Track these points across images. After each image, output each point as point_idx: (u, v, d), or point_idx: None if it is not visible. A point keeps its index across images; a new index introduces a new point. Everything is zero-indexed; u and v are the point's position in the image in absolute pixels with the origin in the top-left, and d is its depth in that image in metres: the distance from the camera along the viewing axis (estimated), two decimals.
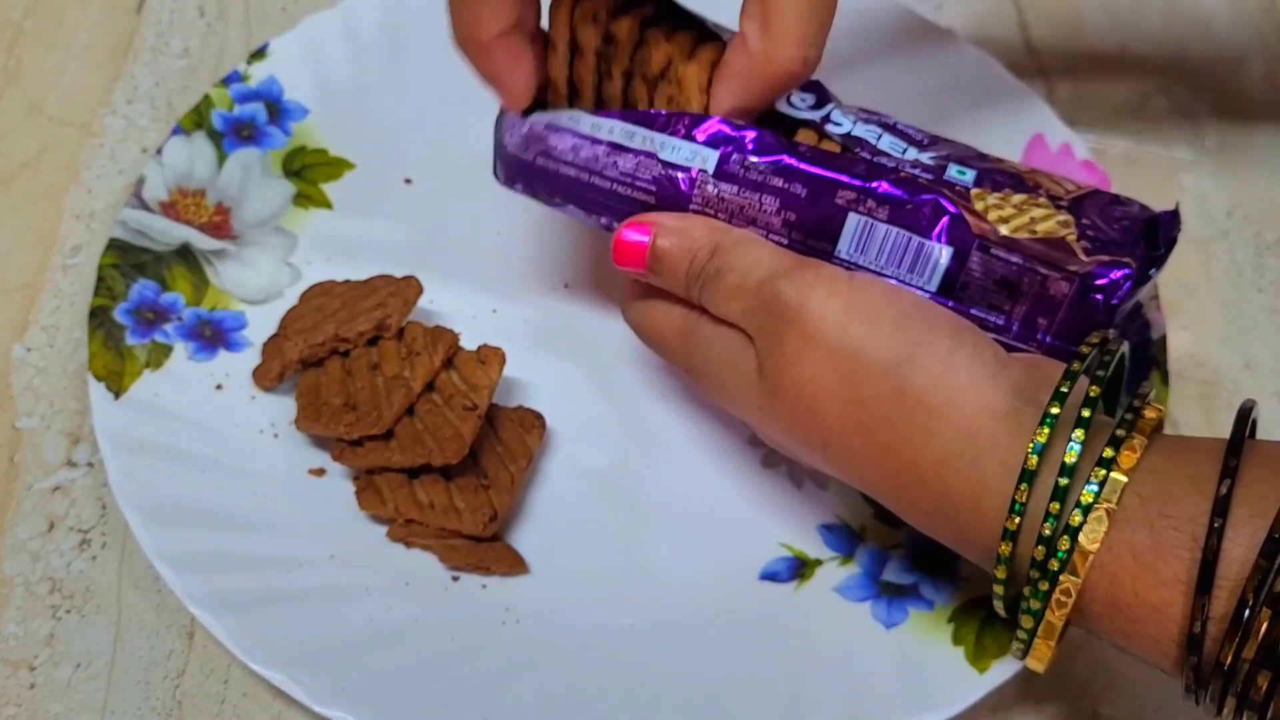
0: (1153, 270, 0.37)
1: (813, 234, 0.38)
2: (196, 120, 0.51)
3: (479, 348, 0.44)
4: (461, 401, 0.42)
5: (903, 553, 0.42)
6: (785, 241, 0.39)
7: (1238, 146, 0.56)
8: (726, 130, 0.39)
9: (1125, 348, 0.35)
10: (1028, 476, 0.32)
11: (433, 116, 0.52)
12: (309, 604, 0.40)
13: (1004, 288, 0.38)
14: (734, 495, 0.44)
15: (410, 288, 0.46)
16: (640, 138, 0.39)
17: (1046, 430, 0.32)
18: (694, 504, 0.44)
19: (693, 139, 0.39)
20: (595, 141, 0.40)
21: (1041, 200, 0.38)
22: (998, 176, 0.39)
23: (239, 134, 0.51)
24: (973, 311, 0.38)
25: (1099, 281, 0.36)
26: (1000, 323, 0.38)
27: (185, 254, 0.48)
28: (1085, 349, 0.34)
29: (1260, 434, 0.34)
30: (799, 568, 0.42)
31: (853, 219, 0.38)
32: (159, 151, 0.50)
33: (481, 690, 0.39)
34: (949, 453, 0.33)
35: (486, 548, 0.42)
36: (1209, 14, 0.61)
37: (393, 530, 0.42)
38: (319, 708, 0.37)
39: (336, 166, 0.52)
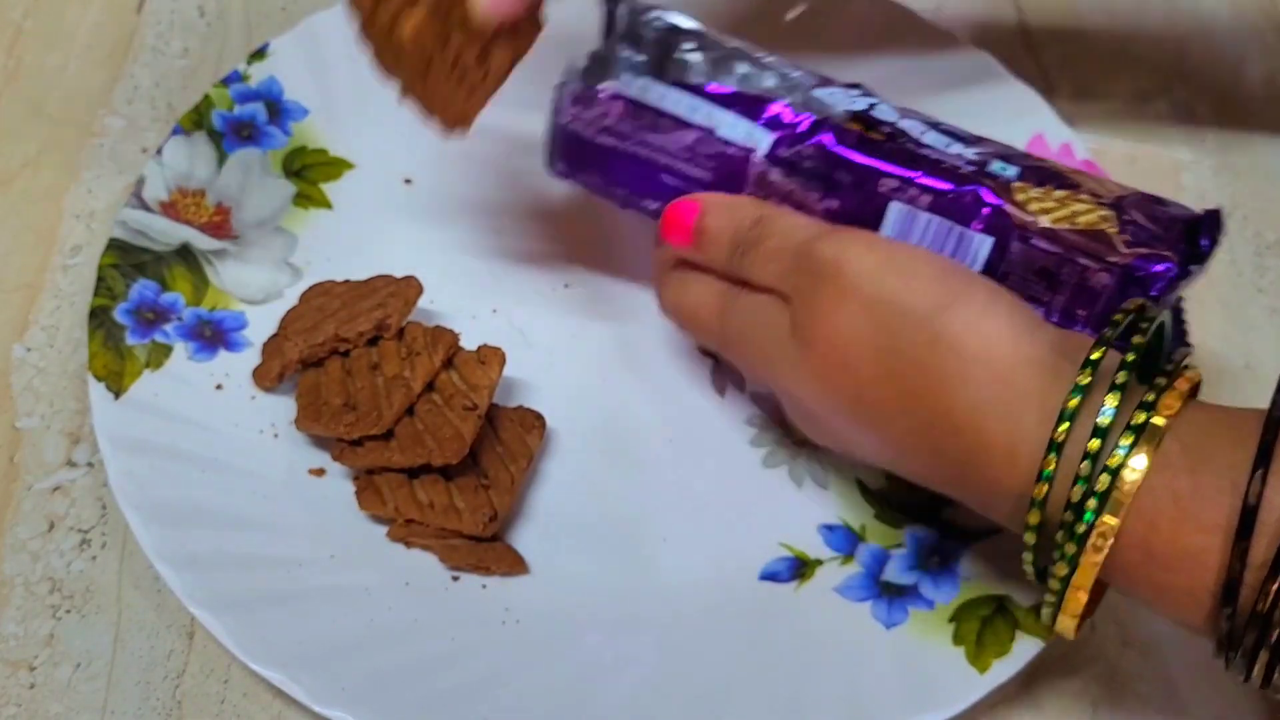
0: (1193, 267, 0.37)
1: (854, 222, 0.39)
2: (196, 120, 0.51)
3: (479, 348, 0.44)
4: (462, 401, 0.42)
5: (903, 553, 0.42)
6: None
7: (1238, 146, 0.56)
8: (785, 114, 0.39)
9: (1166, 315, 0.35)
10: (1068, 416, 0.32)
11: None
12: (309, 604, 0.40)
13: (1044, 278, 0.38)
14: (734, 495, 0.44)
15: (410, 288, 0.46)
16: (702, 112, 0.40)
17: (1089, 373, 0.32)
18: (694, 504, 0.44)
19: (751, 118, 0.39)
20: (659, 113, 0.40)
21: (1084, 197, 0.38)
22: (1041, 173, 0.39)
23: (239, 134, 0.51)
24: None
25: (1139, 274, 0.37)
26: (1040, 313, 0.38)
27: (185, 254, 0.48)
28: (1119, 316, 0.34)
29: None
30: (799, 568, 0.42)
31: (894, 207, 0.38)
32: (159, 151, 0.50)
33: (481, 690, 0.39)
34: (983, 399, 0.33)
35: (487, 548, 0.42)
36: (1209, 14, 0.61)
37: (393, 530, 0.42)
38: (319, 708, 0.37)
39: (336, 166, 0.52)
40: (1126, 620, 0.42)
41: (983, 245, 0.38)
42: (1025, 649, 0.39)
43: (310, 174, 0.51)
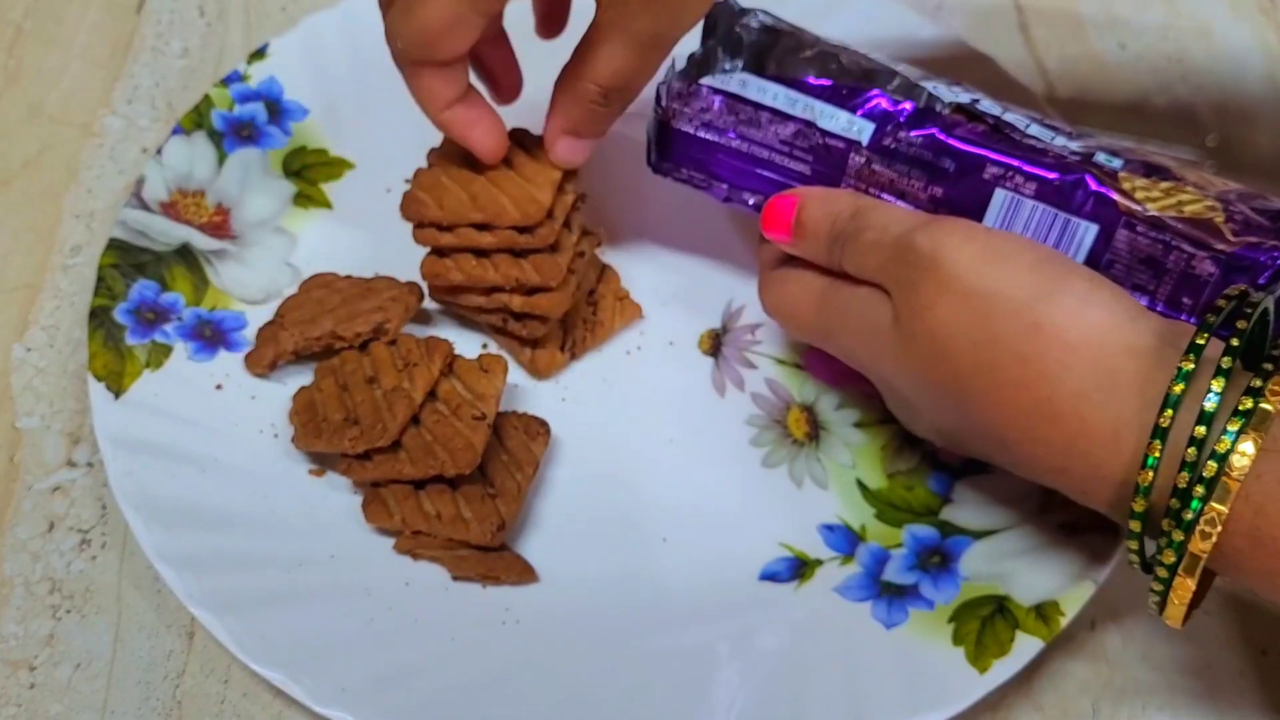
0: None
1: (959, 210, 0.39)
2: (196, 120, 0.51)
3: (480, 356, 0.44)
4: (470, 411, 0.42)
5: (903, 553, 0.42)
6: None
7: (1238, 146, 0.56)
8: (884, 104, 0.40)
9: (1270, 301, 0.34)
10: (1173, 401, 0.31)
11: None
12: (309, 604, 0.40)
13: (1149, 265, 0.38)
14: (734, 495, 0.44)
15: (412, 294, 0.46)
16: (801, 105, 0.41)
17: (1193, 359, 0.31)
18: (694, 504, 0.44)
19: (851, 109, 0.40)
20: (759, 108, 0.41)
21: (1189, 188, 0.38)
22: (1147, 166, 0.39)
23: (239, 134, 0.51)
24: None
25: (1246, 262, 0.37)
26: (1145, 302, 0.38)
27: (185, 254, 0.48)
28: (1222, 301, 0.33)
29: None
30: (799, 568, 0.42)
31: (999, 194, 0.39)
32: (159, 151, 0.50)
33: (481, 690, 0.39)
34: (1086, 387, 0.33)
35: (495, 557, 0.42)
36: (1209, 14, 0.61)
37: (400, 543, 0.42)
38: (319, 708, 0.37)
39: (336, 166, 0.52)
40: (1126, 620, 0.42)
41: (1088, 232, 0.38)
42: (1025, 649, 0.39)
43: (310, 174, 0.51)
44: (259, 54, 0.53)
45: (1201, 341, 0.32)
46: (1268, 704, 0.40)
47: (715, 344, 0.48)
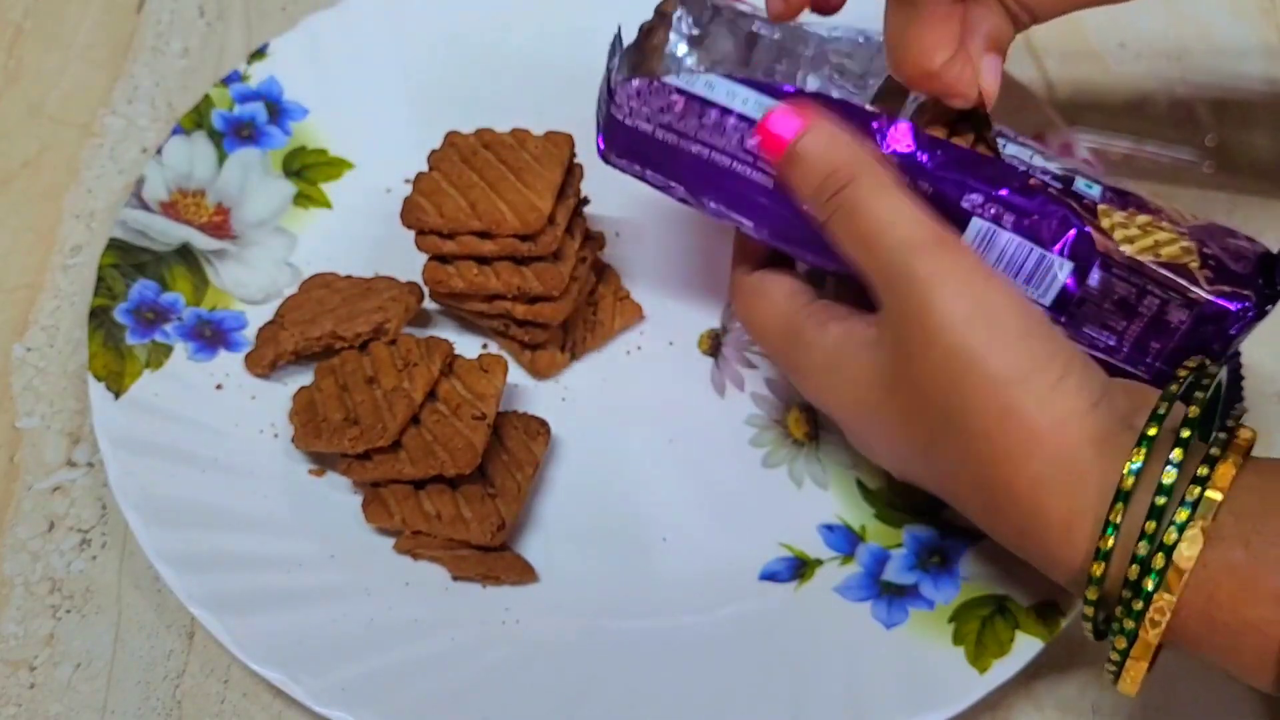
0: (1268, 307, 0.37)
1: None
2: (196, 120, 0.51)
3: (480, 356, 0.44)
4: (469, 411, 0.42)
5: (903, 553, 0.42)
6: None
7: (1238, 146, 0.56)
8: (861, 117, 0.38)
9: (1223, 373, 0.35)
10: (1123, 496, 0.32)
11: (433, 116, 0.52)
12: (309, 604, 0.40)
13: (1121, 308, 0.37)
14: (734, 495, 0.44)
15: (412, 294, 0.46)
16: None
17: (1143, 451, 0.32)
18: (694, 504, 0.44)
19: (834, 111, 0.38)
20: (726, 111, 0.38)
21: (1165, 224, 0.38)
22: (1122, 195, 0.38)
23: (239, 134, 0.51)
24: (1085, 329, 0.38)
25: (1218, 311, 0.36)
26: (1111, 343, 0.38)
27: (185, 254, 0.48)
28: (1182, 372, 0.34)
29: (1261, 434, 0.34)
30: (799, 568, 0.42)
31: (976, 223, 0.38)
32: (159, 151, 0.50)
33: (481, 690, 0.39)
34: (1045, 475, 0.34)
35: (495, 557, 0.42)
36: (1209, 14, 0.61)
37: (400, 543, 0.42)
38: (319, 708, 0.37)
39: (336, 166, 0.52)
40: None
41: (1063, 269, 0.37)
42: (1025, 649, 0.39)
43: (310, 174, 0.51)
44: (259, 54, 0.53)
45: (1152, 433, 0.32)
46: (1267, 705, 0.40)
47: (715, 344, 0.48)
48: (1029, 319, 0.35)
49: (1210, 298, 0.36)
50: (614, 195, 0.51)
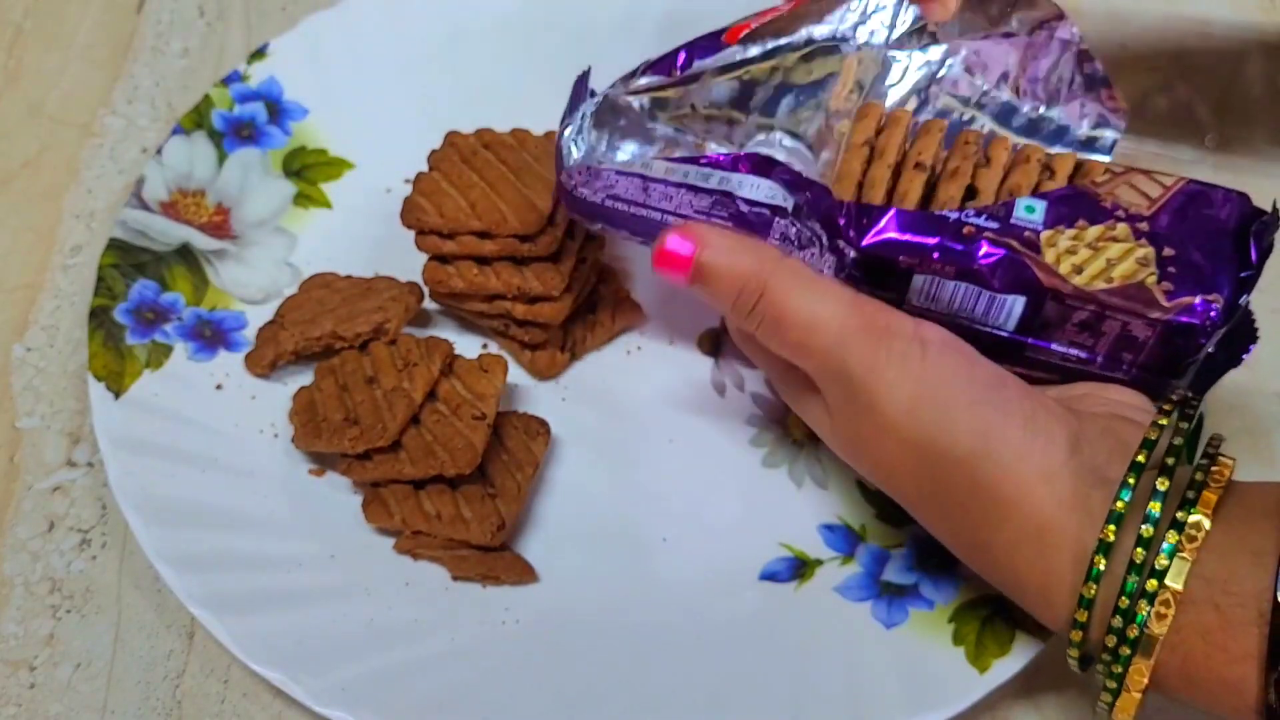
0: (1244, 297, 0.36)
1: (879, 286, 0.38)
2: (196, 120, 0.51)
3: (480, 356, 0.44)
4: (469, 411, 0.42)
5: (903, 552, 0.42)
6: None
7: (1238, 146, 0.56)
8: (800, 183, 0.38)
9: (1203, 408, 0.35)
10: (1095, 575, 0.32)
11: (433, 116, 0.52)
12: (309, 604, 0.40)
13: (1085, 329, 0.37)
14: (734, 495, 0.44)
15: (412, 294, 0.46)
16: (717, 179, 0.38)
17: (1112, 529, 0.32)
18: (694, 504, 0.44)
19: (769, 177, 0.38)
20: (667, 184, 0.39)
21: (1120, 230, 0.37)
22: (1072, 204, 0.37)
23: (239, 134, 0.51)
24: (1055, 346, 0.38)
25: (1184, 321, 0.36)
26: (1084, 356, 0.38)
27: (185, 254, 0.48)
28: (1152, 433, 0.33)
29: (1261, 433, 0.34)
30: (799, 568, 0.42)
31: (918, 279, 0.37)
32: (159, 151, 0.50)
33: (481, 690, 0.39)
34: (1019, 540, 0.34)
35: (495, 557, 0.42)
36: (1209, 14, 0.61)
37: (400, 543, 0.42)
38: (319, 708, 0.37)
39: (336, 166, 0.52)
40: None
41: (1015, 303, 0.37)
42: (1025, 649, 0.39)
43: (310, 174, 0.51)
44: (259, 54, 0.53)
45: (1120, 507, 0.32)
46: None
47: (715, 344, 0.48)
48: (975, 387, 0.35)
49: (1170, 316, 0.36)
50: None
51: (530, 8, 0.55)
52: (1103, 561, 0.32)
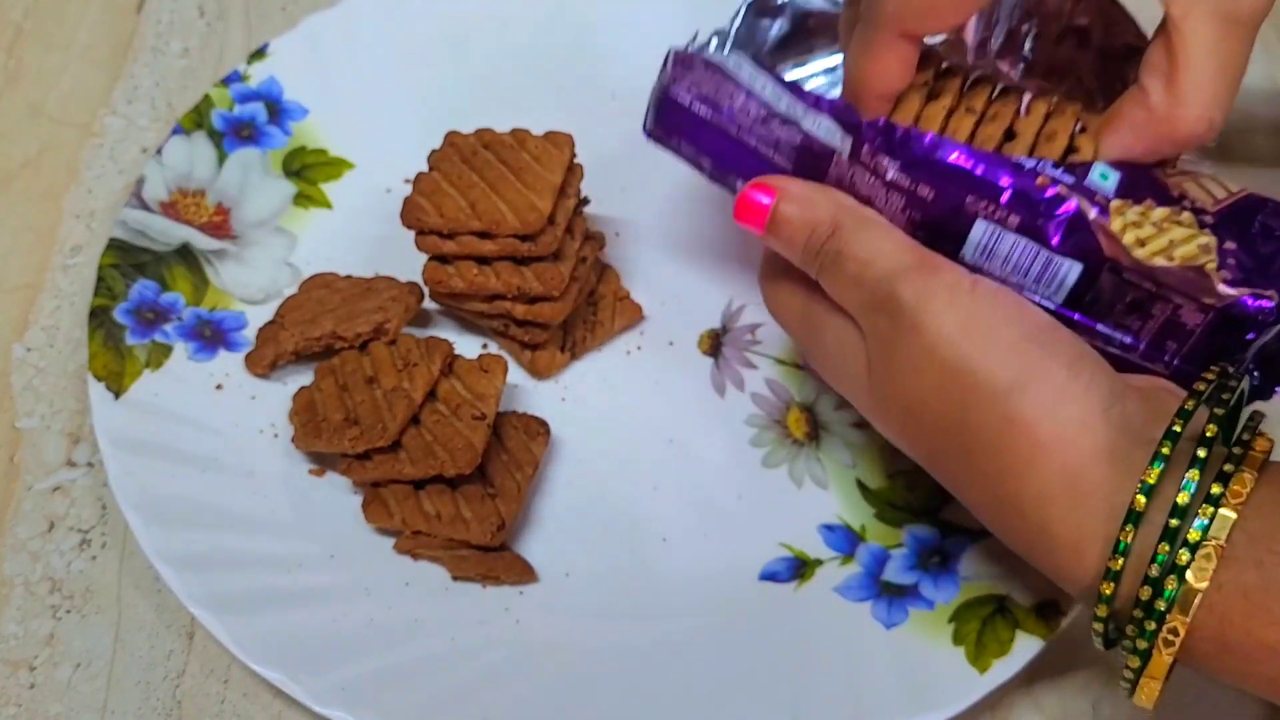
0: None
1: (937, 235, 0.37)
2: (196, 120, 0.51)
3: (480, 356, 0.44)
4: (469, 411, 0.42)
5: (903, 553, 0.42)
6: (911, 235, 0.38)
7: (1238, 146, 0.56)
8: (865, 117, 0.38)
9: (1245, 384, 0.34)
10: (1134, 518, 0.31)
11: (433, 116, 0.52)
12: (309, 604, 0.40)
13: (1134, 309, 0.36)
14: (734, 495, 0.44)
15: (412, 294, 0.46)
16: (786, 103, 0.39)
17: (1156, 471, 0.31)
18: (694, 504, 0.44)
19: (834, 117, 0.38)
20: (750, 95, 0.39)
21: (1185, 217, 0.37)
22: (1142, 183, 0.37)
23: (239, 134, 0.51)
24: (1099, 327, 0.37)
25: (1236, 314, 0.35)
26: (1128, 340, 0.37)
27: (185, 254, 0.48)
28: (1202, 385, 0.33)
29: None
30: (799, 568, 0.42)
31: (980, 226, 0.37)
32: (159, 151, 0.50)
33: (481, 690, 0.39)
34: (1052, 490, 0.33)
35: (495, 557, 0.42)
36: None
37: (400, 543, 0.42)
38: (319, 708, 0.37)
39: (336, 166, 0.52)
40: None
41: (1071, 270, 0.36)
42: (1025, 649, 0.39)
43: (310, 174, 0.51)
44: (259, 54, 0.53)
45: (1166, 451, 0.31)
46: (1267, 706, 0.40)
47: (715, 344, 0.48)
48: (1025, 325, 0.34)
49: (1225, 304, 0.35)
50: (614, 195, 0.51)
51: (530, 7, 0.55)
52: (1143, 502, 0.31)
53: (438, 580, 0.42)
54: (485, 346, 0.48)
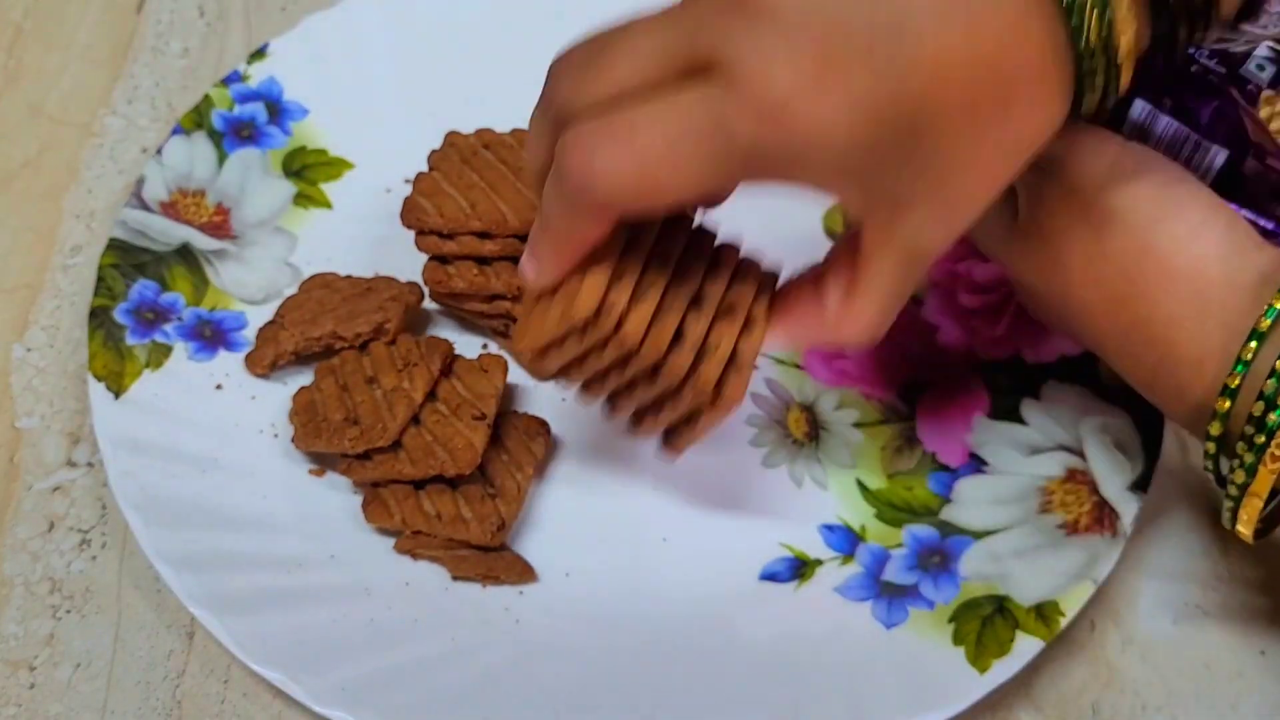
0: None
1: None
2: (196, 120, 0.51)
3: (480, 356, 0.44)
4: (470, 411, 0.42)
5: (903, 553, 0.42)
6: None
7: None
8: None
9: None
10: (1258, 335, 0.33)
11: (433, 116, 0.52)
12: (309, 604, 0.40)
13: (1276, 196, 0.38)
14: (734, 495, 0.44)
15: (412, 294, 0.46)
16: None
17: None
18: (694, 504, 0.44)
19: None
20: None
21: None
22: None
23: (239, 134, 0.51)
24: (1244, 212, 0.38)
25: None
26: (1270, 227, 0.38)
27: (185, 254, 0.48)
28: None
29: None
30: (799, 568, 0.42)
31: (1138, 104, 0.39)
32: (159, 151, 0.50)
33: (481, 690, 0.39)
34: (1181, 313, 0.35)
35: (495, 557, 0.42)
36: None
37: (400, 543, 0.42)
38: (319, 708, 0.37)
39: (336, 166, 0.52)
40: (1126, 620, 0.42)
41: (1218, 156, 0.38)
42: (1025, 649, 0.39)
43: (310, 174, 0.51)
44: (259, 54, 0.53)
45: None
46: (1266, 705, 0.40)
47: None
48: (1169, 173, 0.36)
49: None
50: None
51: (530, 7, 0.55)
52: (1268, 324, 0.33)
53: (438, 580, 0.42)
54: (485, 346, 0.48)
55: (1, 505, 0.44)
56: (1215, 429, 0.34)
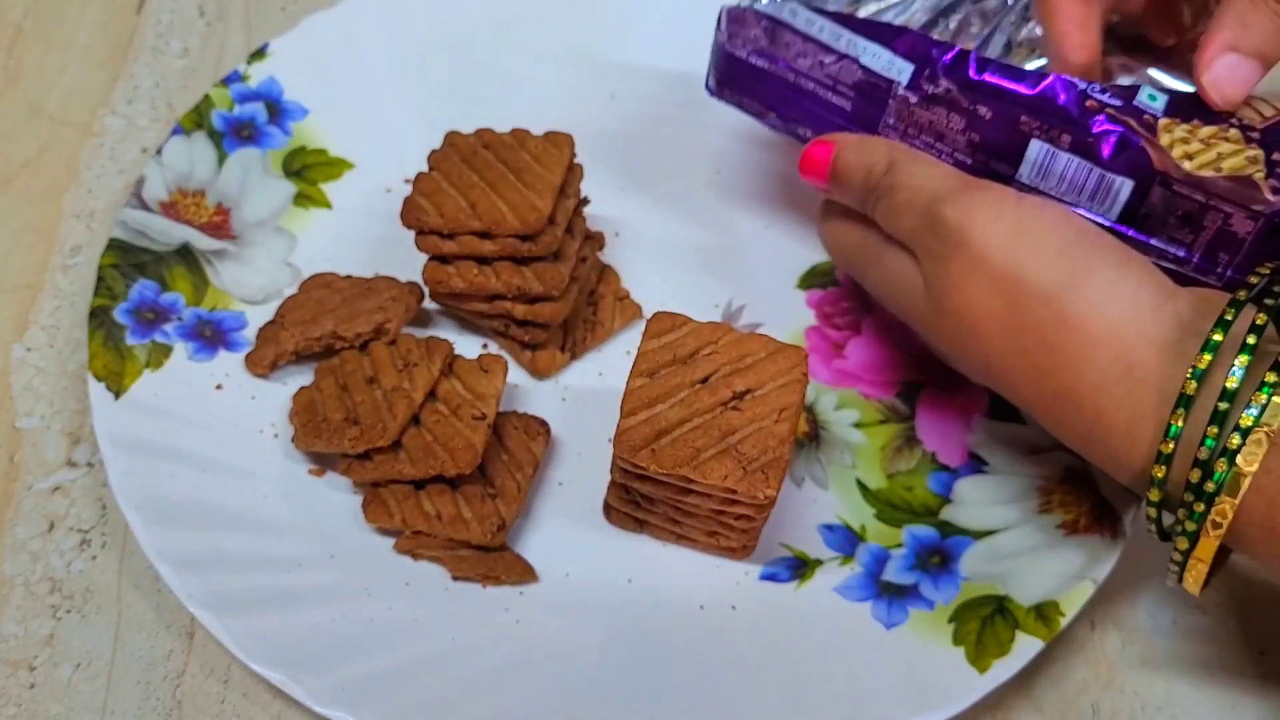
0: None
1: (995, 155, 0.39)
2: (196, 120, 0.51)
3: (480, 356, 0.44)
4: (470, 411, 0.42)
5: (903, 553, 0.42)
6: (969, 162, 0.40)
7: None
8: (923, 45, 0.40)
9: None
10: (1185, 401, 0.32)
11: (433, 116, 0.52)
12: (309, 604, 0.40)
13: (1186, 222, 0.38)
14: None
15: (412, 294, 0.46)
16: (845, 40, 0.41)
17: (1208, 357, 0.32)
18: None
19: (892, 48, 0.40)
20: (806, 39, 0.41)
21: (1232, 133, 0.38)
22: (1191, 104, 0.39)
23: (239, 134, 0.51)
24: (1153, 241, 0.38)
25: None
26: (1181, 254, 0.38)
27: (185, 254, 0.48)
28: (1254, 278, 0.34)
29: None
30: (799, 568, 0.42)
31: (1035, 145, 0.39)
32: (159, 151, 0.50)
33: (481, 690, 0.39)
34: (1106, 380, 0.34)
35: (495, 557, 0.42)
36: None
37: (400, 543, 0.42)
38: (319, 708, 0.37)
39: (336, 166, 0.52)
40: (1126, 620, 0.42)
41: (1123, 187, 0.38)
42: (1025, 649, 0.39)
43: (310, 174, 0.51)
44: (259, 54, 0.53)
45: (1218, 338, 0.32)
46: (1266, 705, 0.40)
47: None
48: (1071, 229, 0.36)
49: (1274, 209, 0.37)
50: (614, 195, 0.51)
51: (530, 7, 0.55)
52: (1194, 386, 0.32)
53: (438, 580, 0.42)
54: (485, 346, 0.48)
55: (1, 505, 0.44)
56: (1154, 495, 0.34)
